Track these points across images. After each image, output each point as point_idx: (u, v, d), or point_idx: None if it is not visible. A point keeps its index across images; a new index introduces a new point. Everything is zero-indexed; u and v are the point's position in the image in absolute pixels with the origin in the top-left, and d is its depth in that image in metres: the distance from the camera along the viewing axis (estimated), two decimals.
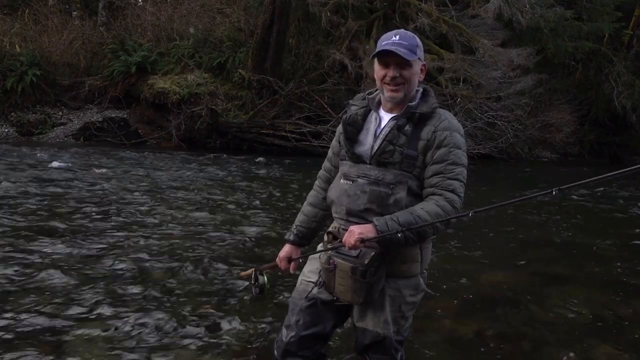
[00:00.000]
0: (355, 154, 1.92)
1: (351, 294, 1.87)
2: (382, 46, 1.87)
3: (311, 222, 2.17)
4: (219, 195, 7.09)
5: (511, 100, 14.19)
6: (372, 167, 1.89)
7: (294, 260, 2.15)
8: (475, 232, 5.90)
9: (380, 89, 1.95)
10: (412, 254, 1.93)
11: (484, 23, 14.03)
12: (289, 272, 2.20)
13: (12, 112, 13.11)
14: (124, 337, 2.86)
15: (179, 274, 3.88)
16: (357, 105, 2.03)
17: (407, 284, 1.95)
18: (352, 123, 1.97)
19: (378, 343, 1.97)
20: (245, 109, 13.28)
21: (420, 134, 1.88)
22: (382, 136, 1.90)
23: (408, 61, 1.84)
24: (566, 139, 16.95)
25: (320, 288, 1.98)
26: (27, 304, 3.19)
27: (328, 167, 2.16)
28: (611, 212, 7.82)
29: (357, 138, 1.95)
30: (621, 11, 18.06)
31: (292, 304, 2.06)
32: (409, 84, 1.89)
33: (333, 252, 1.88)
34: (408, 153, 1.85)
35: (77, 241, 4.49)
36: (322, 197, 2.15)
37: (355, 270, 1.82)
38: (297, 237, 2.16)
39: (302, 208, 2.22)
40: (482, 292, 3.97)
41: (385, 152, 1.87)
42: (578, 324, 3.45)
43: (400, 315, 1.96)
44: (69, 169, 8.32)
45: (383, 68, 1.89)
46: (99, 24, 17.06)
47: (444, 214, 1.76)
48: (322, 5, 13.47)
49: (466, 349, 3.00)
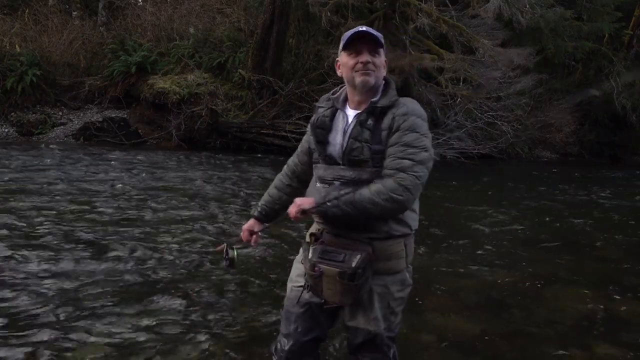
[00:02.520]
0: (328, 156, 1.93)
1: (340, 296, 1.87)
2: (350, 34, 1.88)
3: (274, 204, 2.22)
4: (218, 195, 7.09)
5: (511, 100, 14.18)
6: (346, 168, 1.89)
7: (255, 233, 2.20)
8: (475, 232, 5.90)
9: (349, 81, 1.94)
10: (397, 251, 1.94)
11: (484, 23, 14.01)
12: (251, 244, 2.24)
13: (12, 112, 13.08)
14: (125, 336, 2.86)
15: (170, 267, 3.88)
16: (323, 107, 2.02)
17: (394, 280, 1.96)
18: (321, 125, 1.97)
19: (370, 341, 1.97)
20: (245, 109, 13.27)
21: (381, 124, 1.88)
22: (347, 133, 1.90)
23: (380, 45, 1.87)
24: (566, 139, 16.94)
25: (309, 292, 1.97)
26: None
27: (295, 162, 2.21)
28: (612, 212, 7.81)
29: (327, 139, 1.95)
30: (621, 11, 18.04)
31: (287, 312, 2.06)
32: (379, 71, 1.90)
33: (317, 259, 1.87)
34: (375, 148, 1.86)
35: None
36: (287, 184, 2.21)
37: (343, 275, 1.81)
38: (261, 214, 2.22)
39: (268, 189, 2.27)
40: (482, 292, 3.97)
41: (353, 149, 1.87)
42: (578, 323, 3.45)
43: (389, 312, 1.97)
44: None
45: (354, 56, 1.89)
46: (99, 24, 17.05)
47: (385, 191, 1.76)
48: (322, 5, 13.46)
49: (466, 349, 3.00)
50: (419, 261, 4.56)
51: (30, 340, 2.76)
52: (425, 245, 5.15)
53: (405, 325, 3.21)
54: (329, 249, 1.88)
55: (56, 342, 2.75)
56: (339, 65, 1.97)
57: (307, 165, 2.11)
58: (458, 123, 13.23)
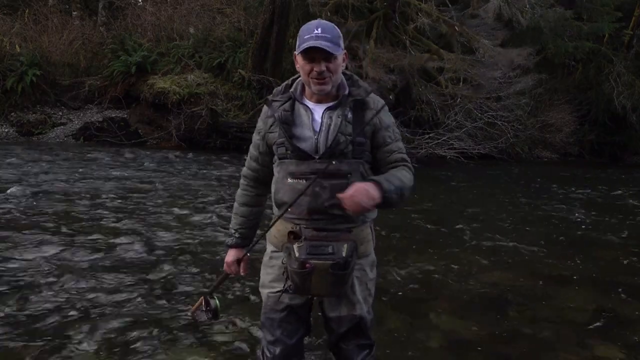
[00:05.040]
0: (300, 151, 1.88)
1: (330, 288, 1.85)
2: (305, 41, 1.84)
3: (249, 221, 2.15)
4: (216, 194, 7.09)
5: (511, 100, 14.15)
6: (324, 161, 1.85)
7: (243, 261, 2.13)
8: (474, 233, 5.90)
9: (306, 82, 1.92)
10: (367, 235, 2.00)
11: (484, 23, 14.00)
12: (240, 274, 2.17)
13: (12, 112, 13.08)
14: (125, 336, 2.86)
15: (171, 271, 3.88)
16: (279, 101, 1.97)
17: (367, 262, 2.02)
18: (286, 120, 1.92)
19: (355, 326, 1.98)
20: (245, 109, 13.26)
21: (363, 119, 1.90)
22: (331, 129, 1.88)
23: (334, 55, 1.84)
24: (566, 139, 16.92)
25: (291, 294, 1.92)
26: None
27: (254, 167, 2.11)
28: (612, 212, 7.81)
29: (294, 134, 1.91)
30: (621, 11, 18.02)
31: (268, 320, 2.01)
32: (335, 75, 1.88)
33: (306, 255, 1.82)
34: (358, 140, 1.88)
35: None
36: (254, 195, 2.14)
37: (336, 266, 1.81)
38: (240, 239, 2.15)
39: (234, 211, 2.18)
40: (482, 292, 3.97)
41: (340, 142, 1.86)
42: (578, 323, 3.45)
43: (368, 294, 2.02)
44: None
45: (308, 62, 1.86)
46: (99, 24, 17.04)
47: (411, 178, 1.93)
48: (322, 5, 13.45)
49: (466, 349, 3.00)
50: (421, 262, 4.57)
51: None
52: (425, 246, 5.15)
53: (407, 326, 3.22)
54: (315, 244, 1.84)
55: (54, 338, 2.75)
56: (296, 60, 1.93)
57: (269, 166, 2.04)
58: (458, 123, 13.22)
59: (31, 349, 2.66)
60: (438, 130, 13.06)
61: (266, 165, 2.06)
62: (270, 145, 1.99)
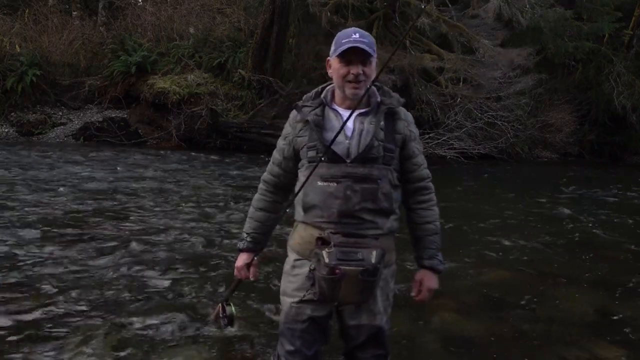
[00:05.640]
0: (334, 154, 1.88)
1: (359, 295, 1.86)
2: (343, 44, 1.86)
3: (264, 227, 2.12)
4: (216, 195, 7.09)
5: (511, 100, 14.17)
6: (356, 165, 1.88)
7: (252, 266, 2.11)
8: (474, 233, 5.90)
9: (339, 86, 1.94)
10: (391, 244, 2.02)
11: (484, 23, 14.02)
12: (250, 279, 2.15)
13: (12, 112, 13.09)
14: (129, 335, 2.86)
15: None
16: (309, 106, 1.99)
17: (389, 272, 2.03)
18: (319, 124, 1.94)
19: (373, 336, 1.98)
20: (245, 109, 13.26)
21: (395, 128, 1.96)
22: (364, 134, 1.90)
23: (370, 59, 1.88)
24: (566, 139, 16.92)
25: (316, 300, 1.90)
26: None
27: (277, 172, 2.09)
28: (611, 212, 7.81)
29: (324, 138, 1.92)
30: (621, 11, 18.02)
31: (289, 330, 1.98)
32: (368, 81, 1.90)
33: (336, 261, 1.80)
34: (388, 147, 1.91)
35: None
36: (272, 201, 2.12)
37: (366, 272, 1.81)
38: (252, 243, 2.11)
39: (250, 214, 2.15)
40: (482, 291, 3.97)
41: (373, 147, 1.88)
42: (578, 323, 3.45)
43: (388, 304, 2.03)
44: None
45: (345, 65, 1.88)
46: (99, 24, 17.04)
47: (436, 205, 2.20)
48: (322, 5, 13.46)
49: (466, 349, 3.00)
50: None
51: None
52: None
53: (407, 325, 3.22)
54: (345, 250, 1.83)
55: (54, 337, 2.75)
56: (329, 65, 1.96)
57: (293, 172, 2.04)
58: (458, 123, 13.23)
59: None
60: (438, 130, 13.06)
61: (289, 170, 2.05)
62: (297, 150, 2.00)
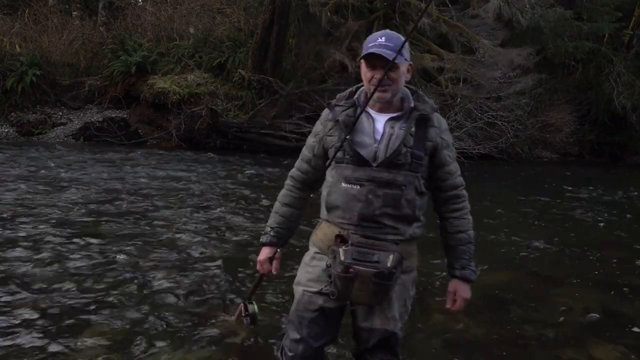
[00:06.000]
0: (360, 156, 1.88)
1: (371, 297, 1.85)
2: (368, 48, 1.86)
3: (288, 222, 2.13)
4: (217, 195, 7.09)
5: (511, 100, 14.17)
6: (381, 170, 1.86)
7: (275, 260, 2.11)
8: (475, 232, 5.89)
9: (367, 89, 1.93)
10: (412, 250, 2.00)
11: (484, 23, 14.01)
12: (272, 274, 2.16)
13: (12, 112, 13.07)
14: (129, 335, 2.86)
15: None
16: (342, 106, 1.99)
17: (409, 278, 2.00)
18: (348, 124, 1.92)
19: (385, 341, 1.96)
20: (245, 109, 13.25)
21: (426, 135, 1.91)
22: (393, 138, 1.88)
23: (395, 63, 1.83)
24: (566, 139, 16.93)
25: (332, 298, 1.90)
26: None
27: (305, 169, 2.10)
28: (611, 212, 7.81)
29: (353, 139, 1.91)
30: (621, 11, 18.04)
31: (298, 317, 1.99)
32: (396, 84, 1.89)
33: (351, 260, 1.81)
34: (416, 153, 1.88)
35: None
36: (298, 197, 2.12)
37: (379, 275, 1.80)
38: (275, 238, 2.12)
39: (275, 209, 2.16)
40: (483, 291, 3.96)
41: (400, 153, 1.86)
42: (578, 323, 3.45)
43: (404, 310, 2.00)
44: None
45: (370, 70, 1.88)
46: (99, 24, 17.03)
47: (469, 213, 2.15)
48: (322, 5, 13.46)
49: (466, 349, 3.00)
50: (421, 263, 4.56)
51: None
52: (426, 245, 5.13)
53: (407, 325, 3.21)
54: (362, 250, 1.83)
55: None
56: (361, 67, 1.95)
57: (322, 170, 2.02)
58: (458, 123, 13.22)
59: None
60: None
61: (318, 168, 2.05)
62: (326, 149, 2.00)
